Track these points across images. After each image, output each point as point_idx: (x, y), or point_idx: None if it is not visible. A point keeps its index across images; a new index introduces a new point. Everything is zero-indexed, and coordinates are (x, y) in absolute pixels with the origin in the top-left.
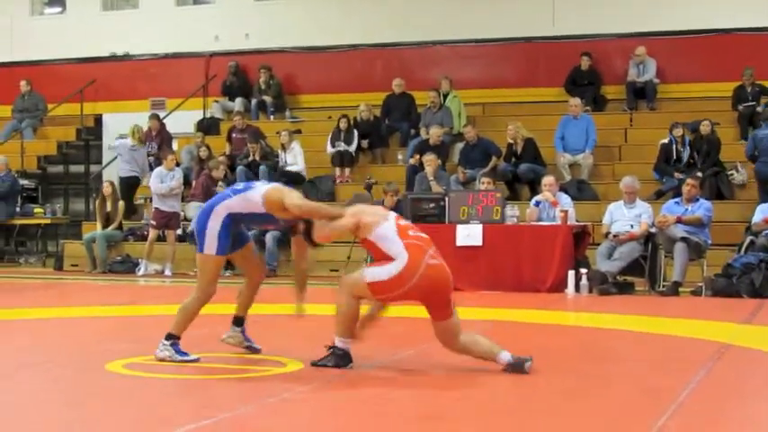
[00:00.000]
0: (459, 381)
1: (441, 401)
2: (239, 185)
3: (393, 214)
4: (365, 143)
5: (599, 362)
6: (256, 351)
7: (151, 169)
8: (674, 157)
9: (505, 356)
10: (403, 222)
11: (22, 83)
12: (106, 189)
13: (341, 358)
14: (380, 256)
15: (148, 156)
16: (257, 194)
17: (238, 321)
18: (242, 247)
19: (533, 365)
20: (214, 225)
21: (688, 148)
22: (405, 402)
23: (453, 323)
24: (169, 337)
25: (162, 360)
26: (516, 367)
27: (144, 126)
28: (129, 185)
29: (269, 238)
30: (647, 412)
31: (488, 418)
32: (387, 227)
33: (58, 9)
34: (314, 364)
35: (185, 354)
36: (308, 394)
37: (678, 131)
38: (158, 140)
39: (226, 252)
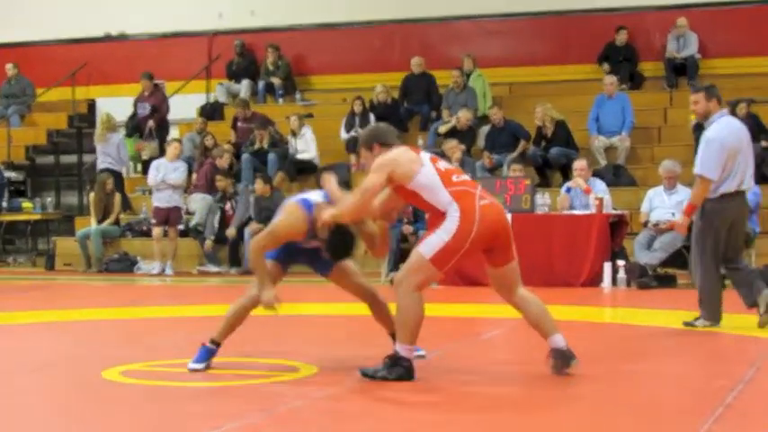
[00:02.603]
0: (484, 384)
1: (463, 407)
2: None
3: (427, 155)
4: None
5: (639, 361)
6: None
7: (140, 136)
8: None
9: (559, 341)
10: (443, 166)
11: (8, 66)
12: (108, 181)
13: (406, 371)
14: (427, 208)
15: (140, 118)
16: None
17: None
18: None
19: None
20: None
21: None
22: (423, 410)
23: (512, 268)
24: None
25: None
26: (563, 358)
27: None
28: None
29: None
30: (693, 414)
31: (520, 421)
32: (427, 173)
33: None
34: (366, 375)
35: None
36: (322, 402)
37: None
38: (152, 101)
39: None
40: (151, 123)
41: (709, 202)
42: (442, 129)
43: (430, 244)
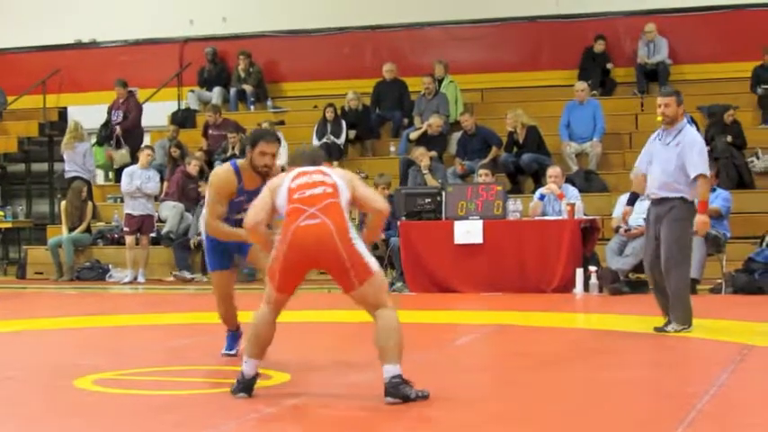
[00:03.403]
0: (461, 390)
1: (440, 413)
2: None
3: (296, 172)
4: (354, 134)
5: (612, 367)
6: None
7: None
8: None
9: (391, 370)
10: (299, 181)
11: None
12: (82, 189)
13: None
14: None
15: (114, 125)
16: None
17: None
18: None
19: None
20: None
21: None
22: (390, 418)
23: (361, 295)
24: None
25: None
26: (396, 391)
27: (87, 123)
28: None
29: None
30: (665, 420)
31: (490, 427)
32: (282, 193)
33: None
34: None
35: None
36: (294, 410)
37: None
38: (125, 108)
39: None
40: (118, 131)
41: (687, 205)
42: (413, 135)
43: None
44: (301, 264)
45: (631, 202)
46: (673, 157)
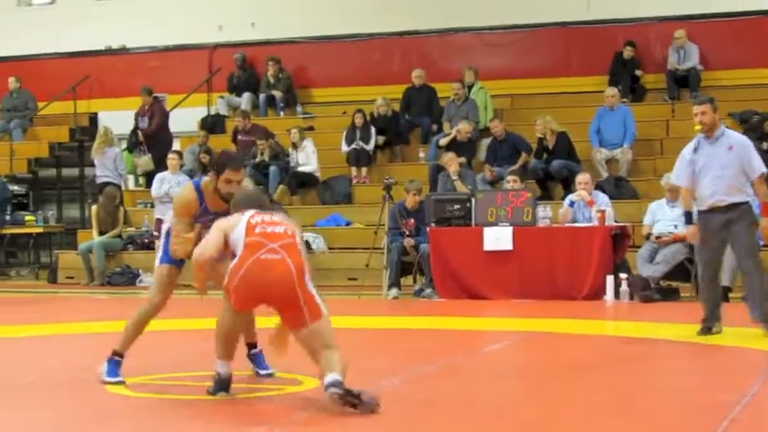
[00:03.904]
0: (491, 396)
1: (470, 420)
2: None
3: (251, 212)
4: (383, 140)
5: (643, 375)
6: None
7: (136, 148)
8: None
9: (331, 378)
10: (257, 218)
11: (11, 79)
12: (116, 194)
13: (216, 384)
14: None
15: (140, 132)
16: None
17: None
18: None
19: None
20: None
21: None
22: (425, 422)
23: (308, 335)
24: None
25: None
26: (344, 396)
27: (117, 128)
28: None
29: None
30: (697, 429)
31: None
32: (238, 230)
33: None
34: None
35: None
36: (325, 415)
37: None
38: (149, 115)
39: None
40: (141, 137)
41: (750, 208)
42: (442, 141)
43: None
44: (255, 293)
45: (690, 219)
46: (731, 161)
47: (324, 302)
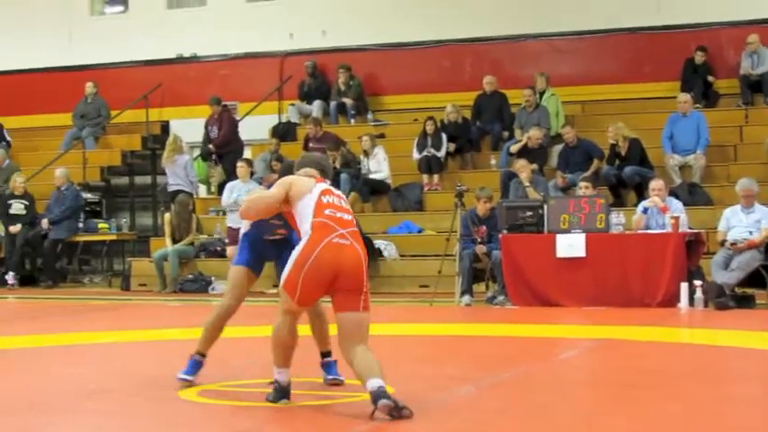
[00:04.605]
0: (567, 404)
1: (545, 427)
2: None
3: (322, 186)
4: (454, 147)
5: (717, 383)
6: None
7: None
8: None
9: (374, 383)
10: (329, 199)
11: (88, 84)
12: (189, 202)
13: (276, 392)
14: (296, 230)
15: (210, 142)
16: None
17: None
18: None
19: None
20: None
21: None
22: (505, 429)
23: (356, 320)
24: None
25: None
26: (380, 399)
27: (188, 136)
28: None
29: None
30: None
31: None
32: (308, 201)
33: (120, 8)
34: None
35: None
36: (398, 423)
37: None
38: (218, 124)
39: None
40: (211, 148)
41: None
42: (514, 148)
43: (284, 271)
44: (326, 277)
45: None
46: None
47: None
